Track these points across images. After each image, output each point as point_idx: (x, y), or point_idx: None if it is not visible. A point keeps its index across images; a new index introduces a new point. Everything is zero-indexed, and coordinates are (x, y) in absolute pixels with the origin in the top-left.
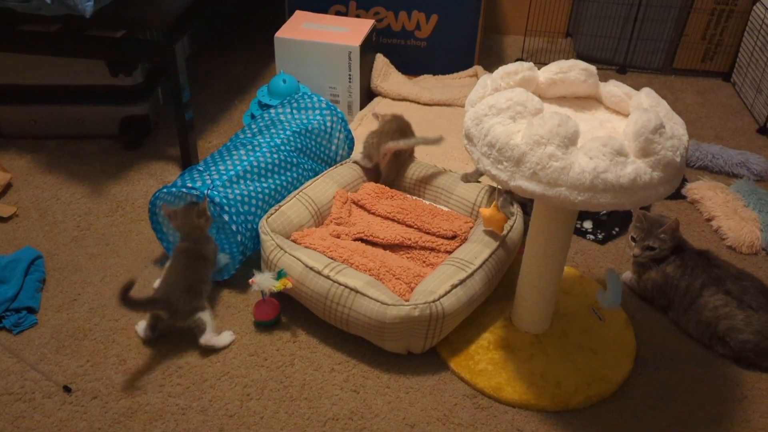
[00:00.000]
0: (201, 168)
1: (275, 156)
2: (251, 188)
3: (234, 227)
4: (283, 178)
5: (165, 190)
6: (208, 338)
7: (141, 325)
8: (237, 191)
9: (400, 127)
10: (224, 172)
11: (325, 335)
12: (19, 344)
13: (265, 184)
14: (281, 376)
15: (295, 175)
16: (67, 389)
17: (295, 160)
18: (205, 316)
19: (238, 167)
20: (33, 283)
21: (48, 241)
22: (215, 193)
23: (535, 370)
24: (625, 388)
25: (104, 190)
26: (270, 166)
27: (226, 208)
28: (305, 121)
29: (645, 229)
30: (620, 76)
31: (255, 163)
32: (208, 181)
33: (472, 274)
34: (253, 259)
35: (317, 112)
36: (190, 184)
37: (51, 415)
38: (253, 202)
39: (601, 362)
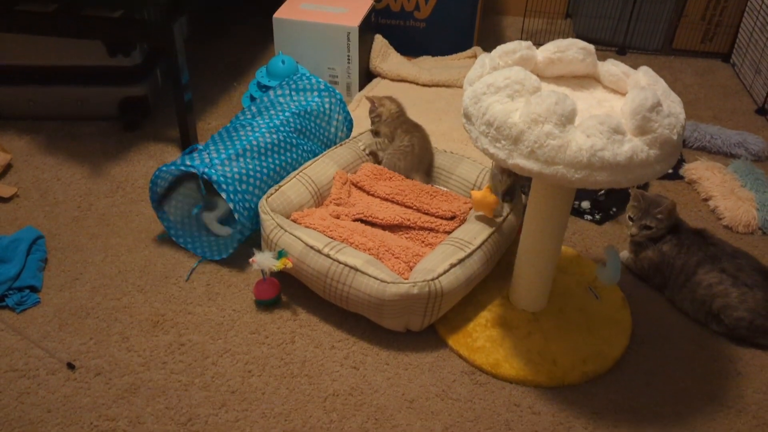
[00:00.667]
0: (200, 147)
1: (274, 137)
2: (249, 167)
3: (232, 205)
4: (282, 158)
5: (164, 168)
6: (211, 219)
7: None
8: (235, 170)
9: (428, 161)
10: (223, 151)
11: (325, 314)
12: (23, 322)
13: (264, 164)
14: (282, 354)
15: (294, 156)
16: (70, 366)
17: (294, 140)
18: (222, 202)
19: (237, 146)
20: (35, 263)
21: (49, 222)
22: (213, 171)
23: (532, 347)
24: (620, 365)
25: (104, 170)
26: (269, 146)
27: (224, 186)
28: (304, 103)
29: (642, 208)
30: (619, 56)
31: (254, 143)
32: (207, 160)
33: (470, 254)
34: (252, 239)
35: (315, 93)
36: (188, 162)
37: (55, 391)
38: (251, 181)
39: (597, 339)
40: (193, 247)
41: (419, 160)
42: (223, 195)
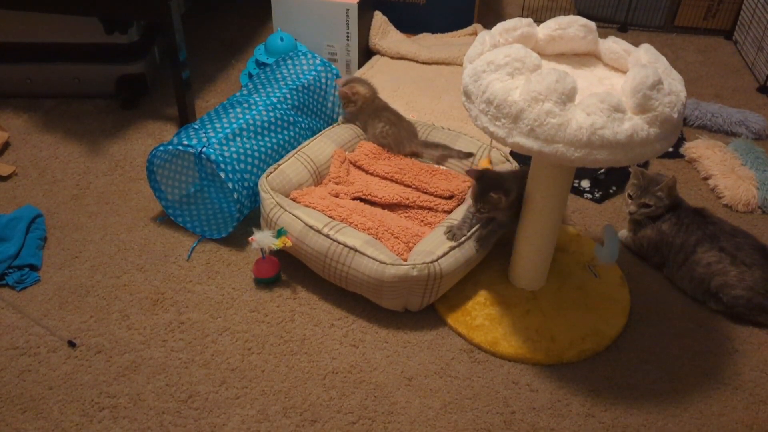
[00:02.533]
0: (197, 126)
1: (271, 114)
2: (247, 146)
3: (230, 185)
4: (280, 136)
5: (161, 148)
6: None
7: None
8: (233, 149)
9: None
10: (220, 130)
11: (324, 292)
12: (23, 301)
13: (261, 143)
14: (281, 332)
15: (292, 134)
16: (71, 344)
17: (291, 118)
18: None
19: (234, 125)
20: (34, 241)
21: (48, 200)
22: (211, 150)
23: (531, 326)
24: (618, 343)
25: (102, 149)
26: (266, 125)
27: (222, 165)
28: (301, 78)
29: (642, 186)
30: (621, 34)
31: (251, 121)
32: (204, 139)
33: (470, 237)
34: (252, 218)
35: (312, 68)
36: (186, 142)
37: (56, 369)
38: (249, 160)
39: (596, 318)
40: (192, 225)
41: (407, 132)
42: (222, 175)
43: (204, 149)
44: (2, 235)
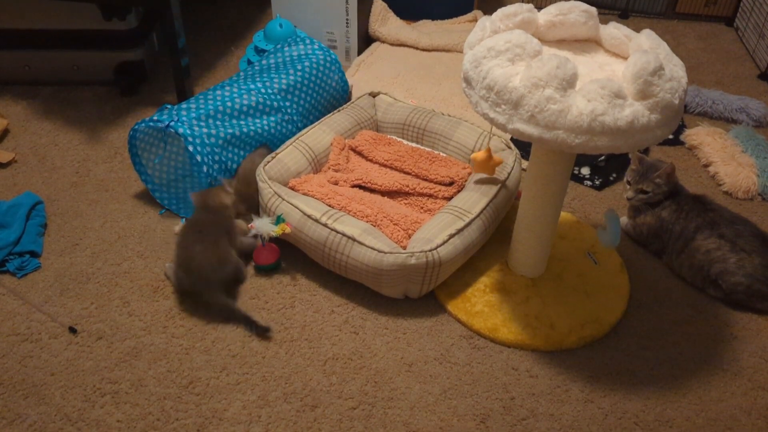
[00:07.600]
0: (173, 105)
1: (253, 99)
2: (220, 127)
3: (198, 158)
4: (259, 122)
5: (136, 127)
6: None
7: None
8: (205, 128)
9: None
10: (194, 109)
11: (324, 279)
12: (24, 287)
13: (237, 125)
14: (282, 318)
15: (275, 119)
16: (72, 330)
17: (276, 104)
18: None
19: (210, 106)
20: (35, 228)
21: (47, 187)
22: (179, 124)
23: (530, 312)
24: (617, 329)
25: (101, 136)
26: (245, 108)
27: (190, 139)
28: (295, 62)
29: (641, 172)
30: (622, 20)
31: (228, 104)
32: (175, 116)
33: (469, 224)
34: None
35: (309, 53)
36: (156, 117)
37: (58, 355)
38: (221, 142)
39: (595, 304)
40: (177, 208)
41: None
42: (190, 148)
43: (171, 123)
44: (2, 221)
